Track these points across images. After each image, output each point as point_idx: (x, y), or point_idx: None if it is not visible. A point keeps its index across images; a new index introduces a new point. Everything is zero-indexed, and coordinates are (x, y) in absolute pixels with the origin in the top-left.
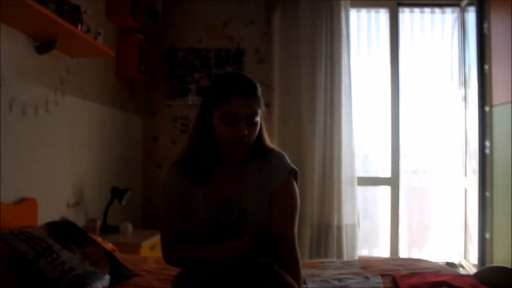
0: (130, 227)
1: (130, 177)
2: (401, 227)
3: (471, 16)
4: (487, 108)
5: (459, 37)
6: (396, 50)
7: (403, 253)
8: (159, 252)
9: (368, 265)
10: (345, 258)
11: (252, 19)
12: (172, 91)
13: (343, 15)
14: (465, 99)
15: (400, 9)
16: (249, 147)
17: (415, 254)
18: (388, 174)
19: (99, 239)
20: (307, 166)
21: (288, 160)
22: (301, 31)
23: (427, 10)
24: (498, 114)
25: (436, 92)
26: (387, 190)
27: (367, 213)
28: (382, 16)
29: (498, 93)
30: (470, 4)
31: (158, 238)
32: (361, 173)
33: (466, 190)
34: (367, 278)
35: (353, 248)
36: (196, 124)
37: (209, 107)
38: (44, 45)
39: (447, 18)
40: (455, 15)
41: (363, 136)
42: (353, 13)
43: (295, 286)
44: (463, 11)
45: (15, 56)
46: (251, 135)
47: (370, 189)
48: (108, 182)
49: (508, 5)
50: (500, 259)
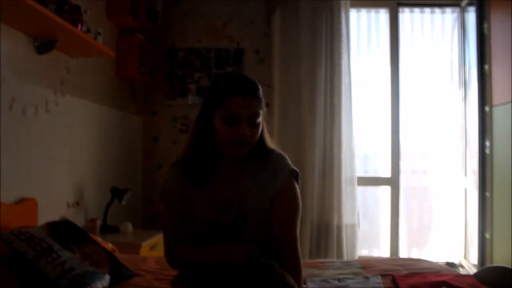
0: (130, 227)
1: (130, 177)
2: (401, 227)
3: (471, 16)
4: (487, 108)
5: (459, 37)
6: (396, 50)
7: (403, 253)
8: (159, 252)
9: (368, 265)
10: (345, 258)
11: (252, 19)
12: (172, 91)
13: (343, 15)
14: (465, 99)
15: (400, 9)
16: (251, 147)
17: (415, 254)
18: (388, 174)
19: (99, 239)
20: (307, 166)
21: (289, 161)
22: (301, 31)
23: (427, 10)
24: (498, 114)
25: (436, 92)
26: (387, 190)
27: (367, 213)
28: (382, 16)
29: (498, 93)
30: (470, 4)
31: (158, 238)
32: (361, 173)
33: (466, 190)
34: (367, 278)
35: (353, 248)
36: (197, 124)
37: (210, 107)
38: (44, 45)
39: (447, 18)
40: (455, 15)
41: (363, 136)
42: (353, 13)
43: (296, 287)
44: (463, 11)
45: (15, 56)
46: (253, 136)
47: (370, 189)
48: (108, 182)
49: (508, 5)
50: (500, 259)
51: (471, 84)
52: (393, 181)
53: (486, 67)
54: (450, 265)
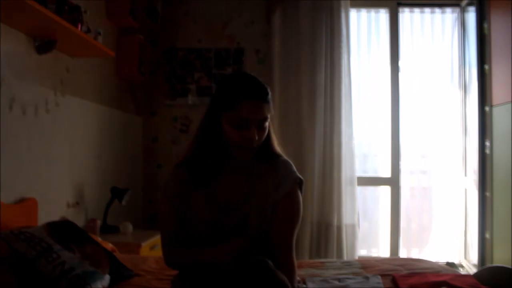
0: (130, 227)
1: (130, 177)
2: (401, 227)
3: (471, 16)
4: (487, 108)
5: (459, 37)
6: (396, 50)
7: (403, 253)
8: (159, 252)
9: (368, 265)
10: (345, 258)
11: (252, 19)
12: (172, 91)
13: (343, 15)
14: (465, 99)
15: (400, 9)
16: (256, 149)
17: (415, 254)
18: (388, 174)
19: (99, 239)
20: (307, 166)
21: (294, 168)
22: (301, 31)
23: (427, 10)
24: (498, 114)
25: (436, 92)
26: (387, 190)
27: (366, 213)
28: (382, 16)
29: (498, 93)
30: (470, 4)
31: (158, 238)
32: (361, 173)
33: (466, 190)
34: (367, 278)
35: (353, 248)
36: (204, 124)
37: (219, 108)
38: (44, 45)
39: (447, 18)
40: (455, 15)
41: (363, 136)
42: (353, 13)
43: (287, 283)
44: (463, 11)
45: (15, 56)
46: (260, 139)
47: (370, 189)
48: (108, 182)
49: (508, 5)
50: (500, 259)
51: (471, 84)
52: (393, 181)
53: (486, 67)
54: (450, 265)
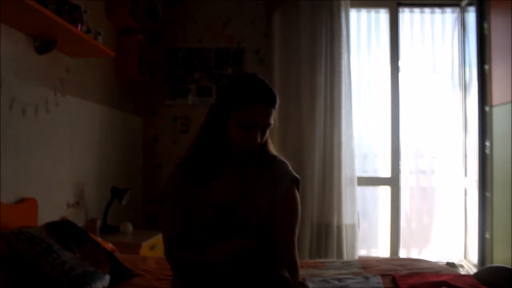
0: (130, 227)
1: (130, 177)
2: (401, 227)
3: (471, 16)
4: (487, 108)
5: (459, 37)
6: (396, 50)
7: (403, 253)
8: (159, 252)
9: (368, 265)
10: (345, 258)
11: (252, 19)
12: (172, 91)
13: (343, 15)
14: (465, 99)
15: (400, 9)
16: (253, 150)
17: (415, 254)
18: (388, 174)
19: (99, 239)
20: (307, 166)
21: (291, 168)
22: (301, 31)
23: (427, 10)
24: (498, 114)
25: (436, 92)
26: (387, 190)
27: (366, 213)
28: (382, 16)
29: (498, 93)
30: (470, 4)
31: (158, 238)
32: (361, 173)
33: (466, 190)
34: (367, 278)
35: (353, 248)
36: (210, 121)
37: (228, 106)
38: (44, 45)
39: (447, 18)
40: (455, 15)
41: (363, 136)
42: (353, 13)
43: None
44: (463, 11)
45: (15, 56)
46: (261, 140)
47: (370, 189)
48: (108, 182)
49: (508, 5)
50: (500, 259)
51: (471, 84)
52: (393, 181)
53: (486, 67)
54: (450, 265)
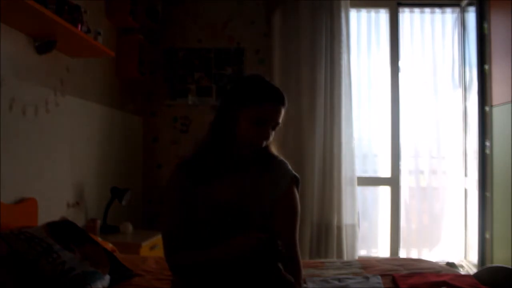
0: (130, 227)
1: (130, 177)
2: (401, 227)
3: (471, 16)
4: (487, 108)
5: (459, 37)
6: (396, 50)
7: (403, 253)
8: (159, 252)
9: (368, 265)
10: (345, 258)
11: (252, 19)
12: (172, 91)
13: (343, 15)
14: (465, 99)
15: (400, 9)
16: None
17: (415, 254)
18: (388, 174)
19: (99, 239)
20: (307, 166)
21: (290, 167)
22: (301, 31)
23: (427, 10)
24: (498, 114)
25: (436, 92)
26: (387, 190)
27: (366, 213)
28: (382, 16)
29: (498, 93)
30: (470, 4)
31: (158, 238)
32: (361, 173)
33: (466, 190)
34: (367, 278)
35: (353, 248)
36: (219, 121)
37: (240, 103)
38: (44, 45)
39: (447, 18)
40: (455, 15)
41: (363, 136)
42: (353, 13)
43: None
44: (463, 11)
45: (15, 56)
46: (269, 140)
47: (370, 189)
48: (108, 182)
49: (508, 5)
50: (500, 259)
51: (471, 84)
52: (393, 181)
53: (486, 67)
54: (450, 265)
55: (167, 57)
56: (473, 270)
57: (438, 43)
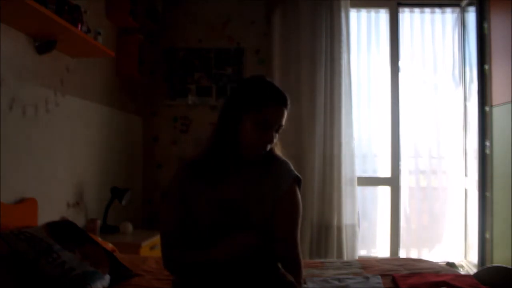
0: (130, 227)
1: (130, 177)
2: (401, 227)
3: (471, 16)
4: (487, 108)
5: (459, 37)
6: (396, 50)
7: (402, 253)
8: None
9: (368, 265)
10: (345, 258)
11: (252, 19)
12: (172, 91)
13: (343, 15)
14: (465, 99)
15: (400, 9)
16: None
17: (414, 254)
18: (388, 174)
19: (99, 239)
20: (307, 166)
21: (292, 168)
22: (301, 31)
23: (427, 10)
24: (498, 114)
25: (436, 92)
26: (387, 190)
27: (366, 213)
28: (382, 16)
29: (498, 93)
30: (470, 4)
31: (158, 238)
32: (360, 173)
33: (466, 190)
34: (367, 278)
35: (353, 248)
36: (223, 124)
37: (244, 107)
38: (44, 45)
39: (447, 18)
40: (455, 15)
41: (363, 136)
42: (353, 13)
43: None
44: (463, 11)
45: (15, 56)
46: (273, 143)
47: (370, 189)
48: (108, 182)
49: (508, 5)
50: (500, 259)
51: (471, 84)
52: (393, 181)
53: (486, 67)
54: (450, 265)
55: (167, 57)
56: (473, 270)
57: (438, 43)
